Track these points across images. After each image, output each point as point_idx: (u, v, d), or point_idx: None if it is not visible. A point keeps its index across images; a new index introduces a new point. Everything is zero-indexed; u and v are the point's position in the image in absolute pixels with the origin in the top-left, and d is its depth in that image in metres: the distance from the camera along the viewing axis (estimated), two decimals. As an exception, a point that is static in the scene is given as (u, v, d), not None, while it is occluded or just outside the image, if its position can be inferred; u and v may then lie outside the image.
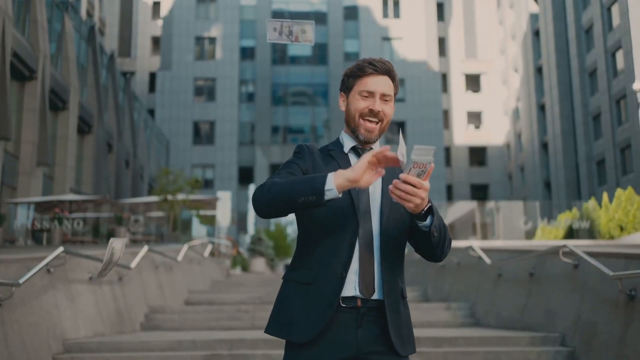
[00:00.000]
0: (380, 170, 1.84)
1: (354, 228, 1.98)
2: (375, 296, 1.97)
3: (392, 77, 2.09)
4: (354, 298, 1.95)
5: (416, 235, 1.99)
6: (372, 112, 2.04)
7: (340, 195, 1.84)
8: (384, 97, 2.06)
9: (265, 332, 2.05)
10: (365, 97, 2.06)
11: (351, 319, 1.95)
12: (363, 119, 2.06)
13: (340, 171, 1.82)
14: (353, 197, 2.01)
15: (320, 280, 1.97)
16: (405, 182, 1.78)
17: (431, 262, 11.60)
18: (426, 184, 1.80)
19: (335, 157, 2.10)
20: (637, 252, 5.37)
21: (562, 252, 6.25)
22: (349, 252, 1.97)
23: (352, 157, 2.11)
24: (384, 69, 2.06)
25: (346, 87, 2.13)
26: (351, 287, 1.96)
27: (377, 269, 1.98)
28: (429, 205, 1.89)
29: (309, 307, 1.94)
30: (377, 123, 2.06)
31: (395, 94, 2.12)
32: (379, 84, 2.05)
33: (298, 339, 1.95)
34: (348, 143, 2.13)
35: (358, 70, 2.08)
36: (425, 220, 1.91)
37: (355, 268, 1.97)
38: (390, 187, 1.82)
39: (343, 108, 2.13)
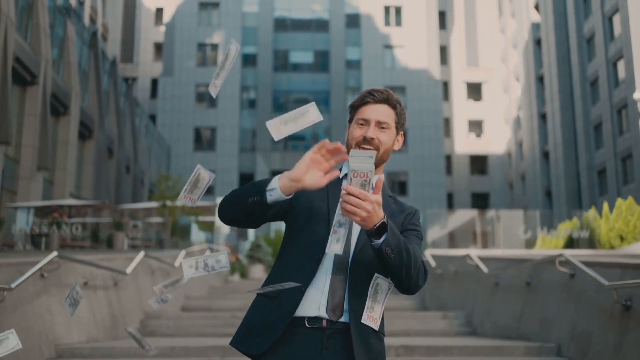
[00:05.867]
0: (334, 171, 1.79)
1: (324, 245, 1.92)
2: (343, 319, 1.92)
3: (392, 105, 2.07)
4: (318, 319, 1.91)
5: (375, 255, 1.84)
6: (366, 139, 2.01)
7: (287, 197, 1.80)
8: (379, 124, 2.03)
9: (230, 344, 2.04)
10: (361, 125, 2.05)
11: (316, 340, 1.91)
12: (359, 147, 2.01)
13: (286, 172, 1.81)
14: (330, 215, 1.98)
15: (284, 295, 1.94)
16: (347, 193, 1.71)
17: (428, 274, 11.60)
18: (373, 196, 1.72)
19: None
20: (632, 262, 5.34)
21: (558, 261, 6.23)
22: (313, 268, 1.93)
23: (346, 184, 2.09)
24: (382, 97, 2.05)
25: (349, 118, 2.14)
26: (315, 307, 1.92)
27: (347, 293, 1.93)
28: (382, 221, 1.76)
29: (268, 320, 1.92)
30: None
31: (398, 123, 2.09)
32: (375, 111, 2.04)
33: (251, 350, 1.94)
34: (345, 171, 2.11)
35: (358, 100, 2.09)
36: (379, 239, 1.78)
37: (322, 287, 1.93)
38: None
39: (346, 139, 2.12)
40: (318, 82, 45.05)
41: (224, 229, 27.78)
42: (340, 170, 2.14)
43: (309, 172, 1.79)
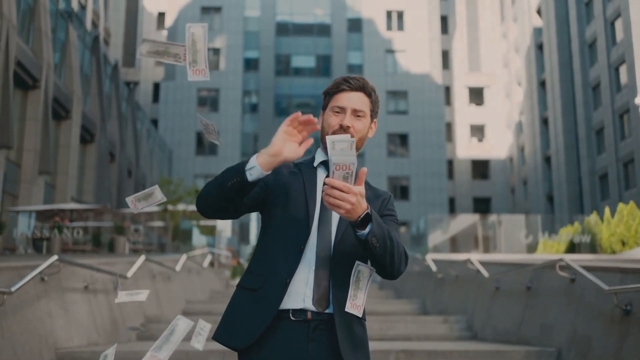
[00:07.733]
0: (309, 139, 1.84)
1: (305, 236, 1.94)
2: (329, 310, 1.92)
3: (368, 93, 2.06)
4: (303, 311, 1.91)
5: (360, 246, 1.86)
6: (342, 128, 2.01)
7: (268, 173, 1.82)
8: (355, 112, 2.03)
9: (212, 338, 2.02)
10: (337, 112, 2.04)
11: (301, 333, 1.90)
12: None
13: (263, 149, 1.83)
14: (309, 204, 1.98)
15: (266, 287, 1.93)
16: (331, 186, 1.72)
17: (428, 275, 11.46)
18: (357, 188, 1.73)
19: (301, 170, 2.08)
20: (632, 267, 5.34)
21: (558, 265, 6.22)
22: (295, 259, 1.93)
23: (320, 172, 2.08)
24: (358, 85, 2.05)
25: (324, 105, 2.13)
26: (300, 299, 1.91)
27: (331, 283, 1.93)
28: (366, 212, 1.77)
29: (253, 313, 1.91)
30: None
31: (373, 111, 2.09)
32: (351, 99, 2.04)
33: (236, 345, 1.93)
34: (319, 158, 2.11)
35: (334, 87, 2.08)
36: (364, 229, 1.80)
37: (306, 278, 1.92)
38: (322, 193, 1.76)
39: (319, 127, 2.05)
40: (320, 86, 45.09)
41: (225, 233, 27.79)
42: (314, 159, 2.14)
43: (285, 144, 1.83)
